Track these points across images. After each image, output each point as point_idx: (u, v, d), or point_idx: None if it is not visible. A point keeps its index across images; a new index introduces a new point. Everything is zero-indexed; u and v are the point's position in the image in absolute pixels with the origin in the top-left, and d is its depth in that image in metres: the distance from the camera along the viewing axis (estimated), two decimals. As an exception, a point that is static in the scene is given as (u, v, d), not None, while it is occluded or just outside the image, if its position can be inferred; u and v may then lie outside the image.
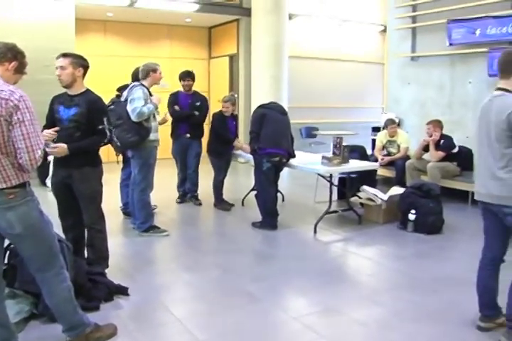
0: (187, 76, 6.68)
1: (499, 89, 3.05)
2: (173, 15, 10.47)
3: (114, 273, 4.08)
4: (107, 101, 5.51)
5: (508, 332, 3.09)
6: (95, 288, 3.68)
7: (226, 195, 6.80)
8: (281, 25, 10.06)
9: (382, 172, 7.71)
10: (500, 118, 2.91)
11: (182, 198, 6.95)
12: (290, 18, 10.68)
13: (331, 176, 5.86)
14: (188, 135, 6.65)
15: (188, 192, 6.95)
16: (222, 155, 6.66)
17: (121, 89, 5.72)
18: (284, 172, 6.51)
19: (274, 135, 5.62)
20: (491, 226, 3.22)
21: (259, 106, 5.92)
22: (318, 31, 12.04)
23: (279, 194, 6.41)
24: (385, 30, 11.28)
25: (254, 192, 6.04)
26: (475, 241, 3.35)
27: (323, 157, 5.73)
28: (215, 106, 8.75)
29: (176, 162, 6.87)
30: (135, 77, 5.57)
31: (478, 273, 3.31)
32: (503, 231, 3.14)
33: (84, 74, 3.86)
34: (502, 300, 3.19)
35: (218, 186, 6.70)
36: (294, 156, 5.89)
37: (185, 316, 3.54)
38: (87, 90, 3.91)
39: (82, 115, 3.80)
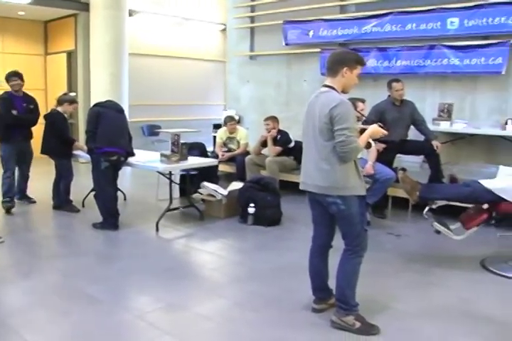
0: (14, 75, 6.20)
1: (326, 86, 3.24)
2: (4, 7, 9.74)
3: None
4: None
5: (337, 311, 3.31)
6: None
7: (65, 196, 6.54)
8: (121, 21, 9.86)
9: (223, 168, 7.85)
10: (323, 113, 3.09)
11: (9, 208, 6.31)
12: (130, 14, 10.50)
13: (170, 173, 5.85)
14: (22, 138, 6.33)
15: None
16: (70, 156, 6.43)
17: None
18: (126, 171, 6.40)
19: (110, 134, 5.50)
20: (318, 215, 3.41)
21: (95, 105, 5.77)
22: (160, 29, 11.96)
23: (120, 193, 6.30)
24: (225, 30, 11.48)
25: (94, 193, 5.86)
26: (311, 230, 3.52)
27: (162, 154, 5.71)
28: (52, 105, 8.35)
29: (4, 167, 6.30)
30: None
31: (309, 259, 3.51)
32: (329, 220, 3.34)
33: None
34: (332, 283, 3.40)
35: (68, 187, 6.42)
36: (132, 155, 5.80)
37: (23, 325, 3.33)
38: None
39: None
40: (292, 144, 7.21)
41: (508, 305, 3.79)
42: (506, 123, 6.08)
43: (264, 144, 7.34)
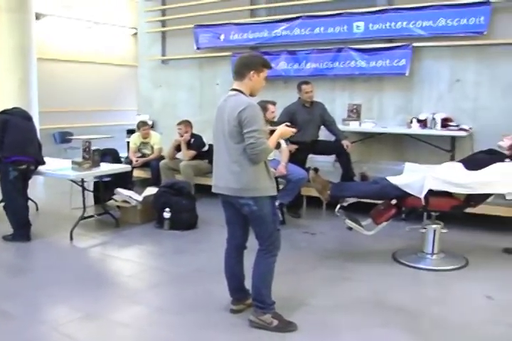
0: None
1: (234, 89, 3.29)
2: None
3: None
4: None
5: (255, 310, 3.37)
6: None
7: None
8: (28, 25, 9.56)
9: (138, 173, 7.74)
10: (232, 116, 3.14)
11: None
12: (38, 17, 10.23)
13: (82, 181, 5.72)
14: None
15: None
16: None
17: None
18: (38, 180, 6.14)
19: (19, 142, 5.30)
20: (231, 216, 3.46)
21: (1, 113, 5.55)
22: (70, 33, 11.71)
23: (31, 203, 6.10)
24: (137, 34, 11.35)
25: (3, 204, 5.63)
26: (226, 232, 3.56)
27: (73, 162, 5.59)
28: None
29: None
30: None
31: (224, 260, 3.54)
32: (243, 221, 3.39)
33: None
34: (248, 283, 3.45)
35: None
36: (43, 163, 5.62)
37: None
38: None
39: None
40: (206, 148, 7.20)
41: (418, 294, 3.99)
42: (411, 122, 6.37)
43: (178, 148, 7.31)
